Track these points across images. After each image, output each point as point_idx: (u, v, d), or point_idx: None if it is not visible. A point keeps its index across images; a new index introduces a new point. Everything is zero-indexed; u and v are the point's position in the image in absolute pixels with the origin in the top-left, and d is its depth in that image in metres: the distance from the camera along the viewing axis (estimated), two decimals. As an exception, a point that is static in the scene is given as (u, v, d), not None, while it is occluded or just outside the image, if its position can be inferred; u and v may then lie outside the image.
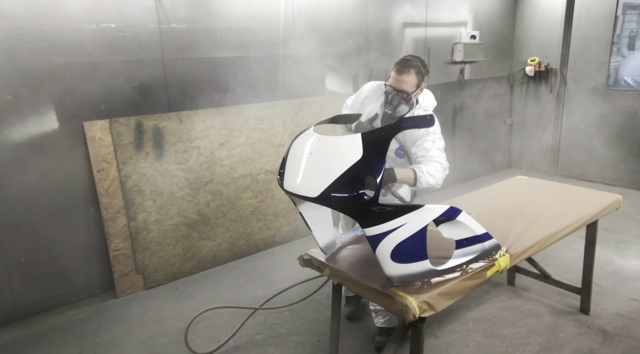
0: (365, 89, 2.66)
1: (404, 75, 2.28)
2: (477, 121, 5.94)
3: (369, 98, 2.61)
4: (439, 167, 2.24)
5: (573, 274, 3.28)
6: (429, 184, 2.19)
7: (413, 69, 2.28)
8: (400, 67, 2.29)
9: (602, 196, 2.74)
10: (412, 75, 2.28)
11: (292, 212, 4.17)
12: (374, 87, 2.63)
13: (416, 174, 2.17)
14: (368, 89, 2.65)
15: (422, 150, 2.29)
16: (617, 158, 5.55)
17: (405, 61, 2.30)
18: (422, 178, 2.17)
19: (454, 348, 2.62)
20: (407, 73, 2.28)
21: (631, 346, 2.58)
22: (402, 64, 2.30)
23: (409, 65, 2.28)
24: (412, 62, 2.29)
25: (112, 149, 3.17)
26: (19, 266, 3.01)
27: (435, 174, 2.20)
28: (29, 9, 2.81)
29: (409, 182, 2.19)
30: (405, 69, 2.28)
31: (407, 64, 2.29)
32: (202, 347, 2.68)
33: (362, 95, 2.65)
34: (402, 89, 2.31)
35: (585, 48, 5.56)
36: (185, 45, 3.45)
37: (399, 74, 2.29)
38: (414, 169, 2.19)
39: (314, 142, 1.82)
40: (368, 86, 2.66)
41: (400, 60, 2.33)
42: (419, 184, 2.18)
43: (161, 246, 3.46)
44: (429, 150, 2.27)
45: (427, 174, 2.18)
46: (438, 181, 2.22)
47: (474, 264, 1.87)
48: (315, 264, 2.09)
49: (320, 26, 4.18)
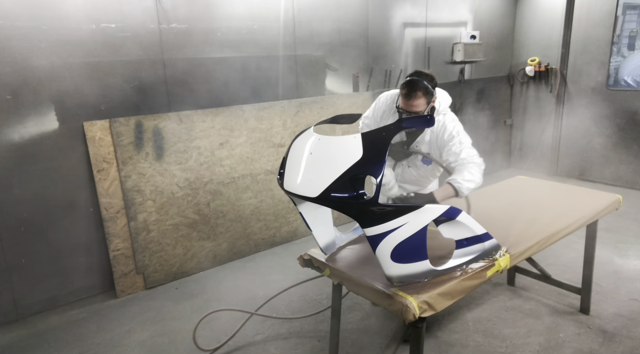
0: (381, 102, 2.61)
1: (412, 100, 2.27)
2: (477, 121, 5.94)
3: (386, 112, 2.58)
4: (474, 167, 2.26)
5: (573, 274, 3.28)
6: (470, 189, 2.22)
7: (420, 92, 2.26)
8: (407, 93, 2.26)
9: (602, 196, 2.74)
10: (420, 98, 2.27)
11: (292, 212, 4.17)
12: (388, 99, 2.59)
13: (455, 187, 2.20)
14: (383, 102, 2.60)
15: (453, 155, 2.32)
16: (617, 158, 5.55)
17: (411, 85, 2.26)
18: (461, 188, 2.21)
19: (454, 348, 2.62)
20: (415, 97, 2.26)
21: (631, 346, 2.58)
22: (408, 88, 2.26)
23: (415, 89, 2.25)
24: (418, 85, 2.25)
25: (112, 149, 3.17)
26: (19, 266, 3.01)
27: (472, 177, 2.23)
28: (29, 9, 2.81)
29: (451, 197, 2.21)
30: (413, 94, 2.25)
31: (413, 88, 2.25)
32: (203, 346, 2.68)
33: (380, 110, 2.60)
34: (413, 111, 2.31)
35: (585, 48, 5.56)
36: (185, 45, 3.45)
37: (407, 99, 2.28)
38: (451, 184, 2.22)
39: (314, 142, 1.82)
40: (382, 99, 2.61)
41: (406, 84, 2.28)
42: (461, 194, 2.22)
43: (161, 246, 3.46)
44: (459, 154, 2.31)
45: (464, 182, 2.21)
46: (478, 182, 2.25)
47: (474, 264, 1.87)
48: (315, 264, 2.09)
49: (320, 26, 4.18)
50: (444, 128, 2.40)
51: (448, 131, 2.38)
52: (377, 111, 2.62)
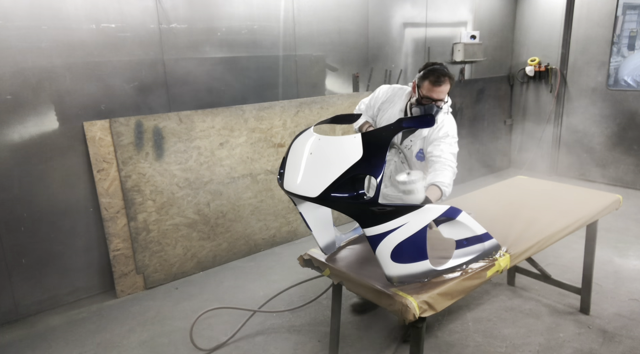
0: (381, 94, 2.67)
1: (443, 86, 2.35)
2: (477, 121, 5.94)
3: (385, 103, 2.62)
4: (451, 173, 2.35)
5: (573, 274, 3.28)
6: (447, 195, 2.31)
7: (447, 78, 2.34)
8: (436, 78, 2.33)
9: (602, 196, 2.74)
10: (447, 84, 2.36)
11: (292, 212, 4.17)
12: (388, 91, 2.65)
13: (442, 190, 2.27)
14: (383, 93, 2.66)
15: (438, 150, 2.39)
16: (617, 158, 5.55)
17: (440, 71, 2.34)
18: (446, 192, 2.29)
19: (454, 348, 2.62)
20: (445, 83, 2.34)
21: (631, 346, 2.58)
22: (437, 74, 2.33)
23: (444, 74, 2.33)
24: (445, 72, 2.35)
25: (112, 149, 3.17)
26: (19, 266, 3.01)
27: (450, 182, 2.32)
28: (29, 9, 2.81)
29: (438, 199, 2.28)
30: (443, 79, 2.33)
31: (443, 73, 2.33)
32: (202, 346, 2.68)
33: (378, 100, 2.66)
34: (440, 98, 2.39)
35: (585, 48, 5.57)
36: (185, 45, 3.45)
37: (437, 85, 2.34)
38: (439, 186, 2.28)
39: (314, 142, 1.82)
40: (383, 90, 2.68)
41: (432, 71, 2.35)
42: (443, 197, 2.30)
43: (161, 246, 3.46)
44: (444, 152, 2.38)
45: (448, 186, 2.29)
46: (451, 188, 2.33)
47: (474, 264, 1.87)
48: (315, 264, 2.09)
49: (320, 26, 4.18)
50: (442, 125, 2.48)
51: (445, 130, 2.47)
52: (375, 100, 2.69)
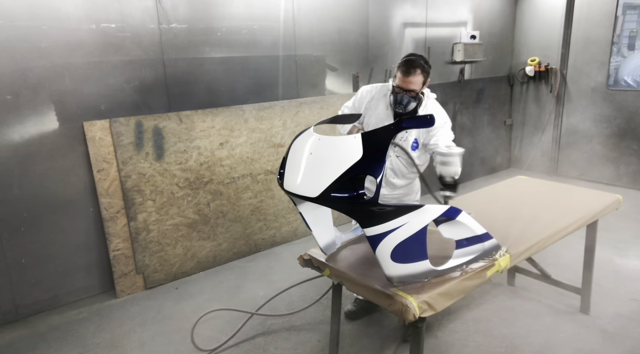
0: (363, 94, 2.67)
1: (411, 76, 2.35)
2: (477, 121, 5.94)
3: (370, 102, 2.62)
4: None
5: (573, 274, 3.28)
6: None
7: (419, 69, 2.35)
8: (407, 69, 2.35)
9: (602, 196, 2.74)
10: (418, 75, 2.36)
11: (292, 212, 4.17)
12: (371, 91, 2.66)
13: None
14: (367, 93, 2.66)
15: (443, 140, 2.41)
16: (617, 158, 5.55)
17: (411, 62, 2.35)
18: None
19: (454, 348, 2.62)
20: (414, 74, 2.35)
21: (631, 346, 2.58)
22: (407, 65, 2.35)
23: (414, 66, 2.34)
24: (417, 62, 2.35)
25: (112, 149, 3.17)
26: (19, 266, 3.01)
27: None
28: (29, 9, 2.81)
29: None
30: (412, 70, 2.34)
31: (413, 64, 2.35)
32: (202, 347, 2.68)
33: (363, 100, 2.66)
34: (410, 88, 2.38)
35: (585, 48, 5.56)
36: (185, 45, 3.45)
37: (406, 75, 2.36)
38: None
39: (314, 142, 1.82)
40: (365, 90, 2.68)
41: (404, 61, 2.38)
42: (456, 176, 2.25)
43: (161, 246, 3.46)
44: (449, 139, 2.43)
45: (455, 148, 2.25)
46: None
47: (474, 264, 1.87)
48: (315, 264, 2.09)
49: (320, 26, 4.18)
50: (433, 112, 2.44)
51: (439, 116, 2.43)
52: (360, 101, 2.68)
